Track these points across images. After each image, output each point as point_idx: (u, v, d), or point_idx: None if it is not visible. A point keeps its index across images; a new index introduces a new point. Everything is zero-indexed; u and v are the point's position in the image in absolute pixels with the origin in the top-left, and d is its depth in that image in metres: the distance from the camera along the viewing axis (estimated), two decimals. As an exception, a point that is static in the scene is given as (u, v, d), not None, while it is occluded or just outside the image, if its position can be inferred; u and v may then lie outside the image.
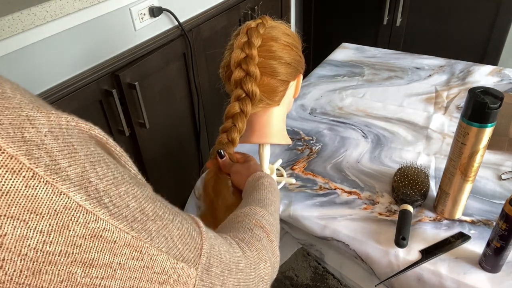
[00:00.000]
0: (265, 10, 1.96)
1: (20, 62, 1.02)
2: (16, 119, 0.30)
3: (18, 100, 0.31)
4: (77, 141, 0.34)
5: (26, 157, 0.29)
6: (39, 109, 0.32)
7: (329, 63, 1.48)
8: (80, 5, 1.09)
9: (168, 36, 1.43)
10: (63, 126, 0.33)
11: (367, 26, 2.22)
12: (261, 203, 0.62)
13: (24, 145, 0.30)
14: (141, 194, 0.38)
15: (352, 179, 0.95)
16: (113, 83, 1.25)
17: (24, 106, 0.31)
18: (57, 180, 0.31)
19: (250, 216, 0.58)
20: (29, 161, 0.29)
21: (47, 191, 0.30)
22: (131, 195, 0.37)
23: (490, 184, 0.91)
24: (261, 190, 0.65)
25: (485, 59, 1.99)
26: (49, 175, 0.30)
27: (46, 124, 0.32)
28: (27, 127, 0.30)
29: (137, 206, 0.37)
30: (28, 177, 0.29)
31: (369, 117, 1.16)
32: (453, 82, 1.31)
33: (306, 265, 1.66)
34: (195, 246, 0.42)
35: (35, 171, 0.30)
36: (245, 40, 0.69)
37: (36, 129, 0.31)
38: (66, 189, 0.31)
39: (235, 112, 0.71)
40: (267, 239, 0.55)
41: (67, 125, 0.34)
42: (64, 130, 0.33)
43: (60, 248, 0.31)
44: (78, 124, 0.35)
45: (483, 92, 0.69)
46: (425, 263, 0.74)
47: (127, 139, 1.35)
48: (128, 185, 0.37)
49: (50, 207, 0.30)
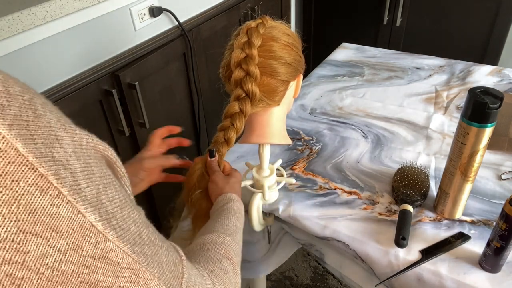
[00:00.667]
0: (265, 10, 1.96)
1: (20, 62, 1.02)
2: (47, 138, 0.31)
3: (48, 119, 0.33)
4: (94, 161, 0.35)
5: (55, 176, 0.31)
6: (65, 129, 0.34)
7: (329, 63, 1.48)
8: (80, 5, 1.09)
9: (168, 36, 1.43)
10: (84, 146, 0.35)
11: (367, 26, 2.22)
12: (229, 230, 0.64)
13: (53, 164, 0.31)
14: (138, 218, 0.39)
15: (352, 179, 0.95)
16: (113, 83, 1.25)
17: (53, 125, 0.33)
18: (78, 200, 0.32)
19: (219, 246, 0.59)
20: (56, 181, 0.31)
21: (68, 210, 0.32)
22: (131, 219, 0.38)
23: (490, 184, 0.91)
24: (229, 216, 0.67)
25: (485, 59, 1.99)
26: (72, 195, 0.32)
27: (71, 144, 0.33)
28: (56, 147, 0.32)
29: (136, 230, 0.38)
30: (54, 196, 0.31)
31: (369, 117, 1.16)
32: (453, 82, 1.31)
33: (306, 265, 1.66)
34: (177, 274, 0.44)
35: (61, 190, 0.31)
36: (245, 40, 0.69)
37: (63, 149, 0.32)
38: (84, 209, 0.32)
39: (234, 112, 0.72)
40: (233, 272, 0.57)
41: (87, 145, 0.35)
42: (84, 150, 0.35)
43: (73, 268, 0.32)
44: (96, 144, 0.36)
45: (483, 92, 0.69)
46: (425, 263, 0.74)
47: (127, 139, 1.35)
48: (129, 208, 0.38)
49: (69, 225, 0.32)
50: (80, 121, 1.30)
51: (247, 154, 1.04)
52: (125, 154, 1.36)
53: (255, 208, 0.84)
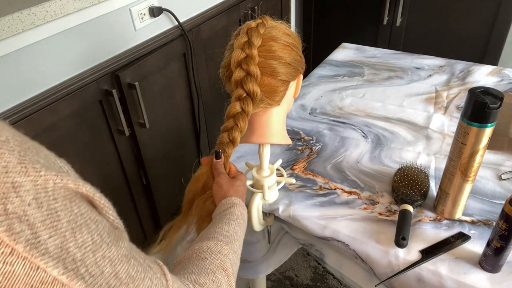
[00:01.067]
0: (265, 10, 1.96)
1: (20, 62, 1.02)
2: (1, 187, 0.29)
3: (5, 162, 0.30)
4: (61, 205, 0.33)
5: (7, 233, 0.29)
6: (27, 172, 0.31)
7: (329, 63, 1.48)
8: (80, 5, 1.09)
9: (168, 36, 1.43)
10: (49, 189, 0.32)
11: (367, 26, 2.22)
12: (228, 237, 0.62)
13: (5, 219, 0.29)
14: (116, 255, 0.37)
15: (352, 179, 0.95)
16: (113, 83, 1.25)
17: (11, 169, 0.30)
18: (36, 255, 0.30)
19: (215, 255, 0.58)
20: (8, 238, 0.29)
21: (24, 267, 0.30)
22: (107, 259, 0.36)
23: (490, 184, 0.91)
24: (230, 222, 0.66)
25: (485, 59, 1.99)
26: (28, 250, 0.30)
27: (32, 190, 0.31)
28: (11, 197, 0.29)
29: (111, 270, 0.37)
30: (6, 254, 0.29)
31: (369, 117, 1.16)
32: (453, 82, 1.31)
33: (306, 265, 1.66)
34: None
35: (14, 247, 0.29)
36: (245, 40, 0.69)
37: (20, 198, 0.30)
38: (44, 264, 0.31)
39: (236, 112, 0.71)
40: (226, 284, 0.55)
41: (53, 187, 0.32)
42: (50, 193, 0.32)
43: None
44: (66, 184, 0.34)
45: (483, 92, 0.69)
46: (425, 263, 0.74)
47: (127, 139, 1.35)
48: (105, 247, 0.36)
49: (27, 283, 0.30)
50: (80, 121, 1.30)
51: (247, 154, 1.04)
52: (125, 154, 1.36)
53: (255, 208, 0.84)
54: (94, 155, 1.26)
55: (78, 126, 1.18)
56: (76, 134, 1.18)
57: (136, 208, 1.47)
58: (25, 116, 1.04)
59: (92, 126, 1.23)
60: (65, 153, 1.22)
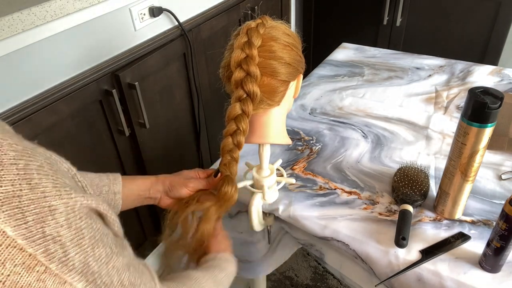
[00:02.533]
0: (265, 10, 1.96)
1: (20, 62, 1.02)
2: (40, 213, 0.32)
3: (43, 188, 0.33)
4: (85, 223, 0.36)
5: (44, 254, 0.32)
6: (61, 195, 0.34)
7: (329, 63, 1.48)
8: (80, 5, 1.09)
9: (168, 36, 1.43)
10: (76, 209, 0.35)
11: (367, 26, 2.22)
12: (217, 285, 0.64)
13: (43, 242, 0.32)
14: (121, 264, 0.41)
15: (352, 179, 0.95)
16: (113, 83, 1.25)
17: (48, 194, 0.33)
18: (65, 271, 0.33)
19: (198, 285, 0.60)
20: (45, 258, 0.32)
21: (54, 282, 0.33)
22: (115, 269, 0.39)
23: (490, 184, 0.91)
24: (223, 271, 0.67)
25: (485, 59, 1.99)
26: (60, 268, 0.33)
27: (64, 212, 0.34)
28: (48, 220, 0.32)
29: (118, 279, 0.40)
30: (41, 272, 0.32)
31: (369, 117, 1.16)
32: (453, 82, 1.31)
33: (306, 265, 1.66)
34: None
35: (48, 266, 0.32)
36: (245, 40, 0.69)
37: (55, 221, 0.33)
38: (71, 278, 0.34)
39: (237, 114, 0.71)
40: None
41: (80, 208, 0.35)
42: (77, 213, 0.35)
43: None
44: (90, 204, 0.37)
45: (483, 92, 0.69)
46: (425, 263, 0.74)
47: (127, 139, 1.35)
48: (115, 258, 0.39)
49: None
50: (80, 121, 1.30)
51: (247, 154, 1.04)
52: (125, 154, 1.36)
53: (255, 208, 0.84)
54: (94, 155, 1.26)
55: (78, 126, 1.18)
56: (76, 134, 1.18)
57: (136, 208, 1.47)
58: (25, 116, 1.04)
59: (92, 126, 1.23)
60: (65, 153, 1.22)
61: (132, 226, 1.48)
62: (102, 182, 0.70)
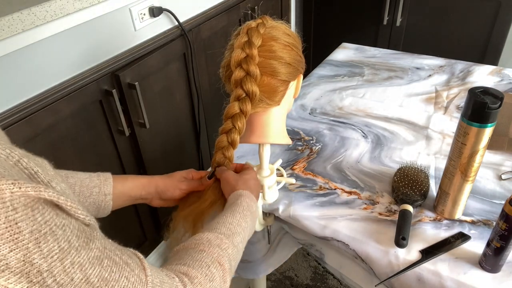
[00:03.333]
0: (265, 10, 1.96)
1: (20, 62, 1.02)
2: None
3: None
4: (22, 214, 0.31)
5: None
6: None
7: (329, 63, 1.48)
8: (80, 5, 1.09)
9: (168, 36, 1.43)
10: (7, 200, 0.30)
11: (367, 26, 2.22)
12: (230, 230, 0.61)
13: None
14: (86, 259, 0.36)
15: (352, 179, 0.95)
16: (113, 83, 1.25)
17: None
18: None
19: (213, 248, 0.56)
20: None
21: None
22: (76, 265, 0.35)
23: (490, 184, 0.91)
24: (235, 213, 0.64)
25: (485, 59, 1.99)
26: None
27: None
28: None
29: (82, 276, 0.35)
30: None
31: (369, 117, 1.16)
32: (453, 82, 1.31)
33: (306, 265, 1.66)
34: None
35: None
36: (245, 40, 0.69)
37: None
38: (4, 280, 0.30)
39: (234, 113, 0.71)
40: (220, 279, 0.54)
41: (11, 197, 0.31)
42: (8, 204, 0.30)
43: None
44: (25, 192, 0.32)
45: (483, 92, 0.69)
46: (425, 263, 0.74)
47: (127, 139, 1.35)
48: (74, 252, 0.35)
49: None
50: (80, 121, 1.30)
51: (247, 154, 1.04)
52: (125, 154, 1.36)
53: (255, 208, 0.84)
54: (94, 155, 1.26)
55: (78, 126, 1.18)
56: (76, 134, 1.18)
57: (136, 208, 1.47)
58: (25, 116, 1.04)
59: (92, 126, 1.23)
60: (65, 153, 1.22)
61: (132, 226, 1.48)
62: (93, 183, 0.68)
